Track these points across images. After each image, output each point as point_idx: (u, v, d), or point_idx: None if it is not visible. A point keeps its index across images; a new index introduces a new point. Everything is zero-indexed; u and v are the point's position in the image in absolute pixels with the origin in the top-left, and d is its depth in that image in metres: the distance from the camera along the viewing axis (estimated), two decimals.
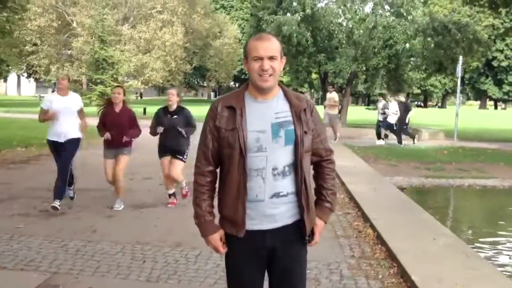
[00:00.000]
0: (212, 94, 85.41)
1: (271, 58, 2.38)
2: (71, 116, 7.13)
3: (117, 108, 7.26)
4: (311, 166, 2.59)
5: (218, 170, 2.55)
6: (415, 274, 4.47)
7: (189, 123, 7.23)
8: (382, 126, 17.99)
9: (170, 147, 7.25)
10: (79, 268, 4.78)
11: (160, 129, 7.15)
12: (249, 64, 2.42)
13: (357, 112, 43.35)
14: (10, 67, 45.76)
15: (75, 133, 7.19)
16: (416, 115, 40.86)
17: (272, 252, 2.48)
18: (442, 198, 9.86)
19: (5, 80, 57.29)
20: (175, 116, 7.18)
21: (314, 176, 2.65)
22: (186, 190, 7.55)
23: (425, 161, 13.17)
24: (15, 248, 5.31)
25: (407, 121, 17.49)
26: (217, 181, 2.56)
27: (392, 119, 17.58)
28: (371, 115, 29.24)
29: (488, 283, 4.40)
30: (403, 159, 13.54)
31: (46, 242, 5.53)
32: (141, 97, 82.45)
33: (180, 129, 7.13)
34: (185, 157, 7.29)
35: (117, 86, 7.51)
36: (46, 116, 7.02)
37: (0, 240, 5.59)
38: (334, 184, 2.67)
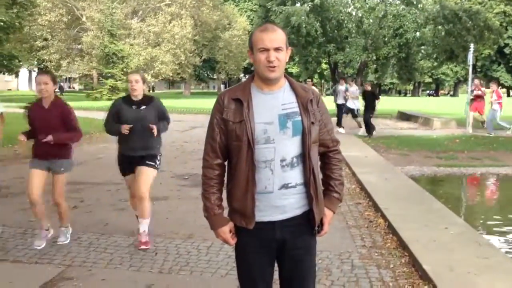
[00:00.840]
0: (222, 86, 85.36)
1: (277, 49, 2.37)
2: None
3: (46, 103, 5.21)
4: (318, 157, 2.59)
5: (226, 163, 2.55)
6: (427, 263, 4.46)
7: (164, 116, 5.49)
8: (343, 111, 17.78)
9: (136, 151, 5.34)
10: (93, 260, 4.83)
11: (125, 128, 5.20)
12: (254, 55, 2.42)
13: None
14: (21, 62, 46.04)
15: None
16: (428, 104, 40.53)
17: (282, 243, 2.49)
18: (454, 187, 9.81)
19: (17, 76, 57.65)
20: (142, 108, 5.34)
21: (321, 166, 2.65)
22: (146, 237, 5.32)
23: (437, 150, 13.10)
24: (29, 241, 5.37)
25: (374, 111, 17.04)
26: (225, 174, 2.56)
27: (353, 104, 17.55)
28: (381, 105, 28.94)
29: (500, 272, 4.38)
30: (414, 148, 13.47)
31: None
32: (153, 91, 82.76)
33: (151, 126, 5.25)
34: (158, 163, 5.52)
35: (44, 72, 5.38)
36: None
37: (14, 233, 5.66)
38: (341, 174, 2.68)
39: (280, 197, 2.43)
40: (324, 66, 39.43)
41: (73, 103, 34.53)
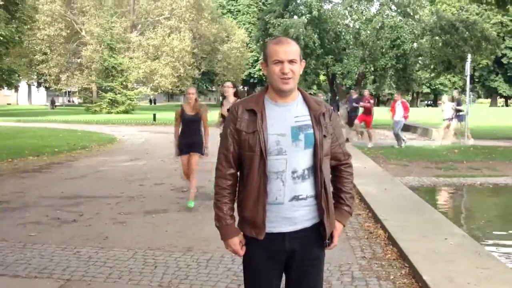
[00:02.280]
0: (221, 98, 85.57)
1: (291, 61, 2.39)
2: None
3: None
4: (330, 170, 2.60)
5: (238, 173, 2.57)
6: (427, 274, 4.45)
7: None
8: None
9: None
10: (92, 274, 4.82)
11: None
12: (269, 67, 2.43)
13: None
14: (20, 77, 46.18)
15: None
16: (426, 114, 40.60)
17: (291, 255, 2.49)
18: (454, 197, 9.80)
19: (16, 90, 57.77)
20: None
21: (332, 180, 2.65)
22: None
23: (436, 161, 13.11)
24: (28, 256, 5.36)
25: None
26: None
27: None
28: (379, 116, 29.04)
29: (500, 282, 4.37)
30: (413, 159, 13.49)
31: (59, 250, 5.58)
32: (154, 103, 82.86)
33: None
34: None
35: None
36: None
37: (13, 248, 5.65)
38: (352, 188, 2.69)
39: (290, 208, 2.43)
40: (322, 77, 39.51)
41: (73, 117, 34.60)
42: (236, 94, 8.31)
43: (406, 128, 24.86)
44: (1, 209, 7.67)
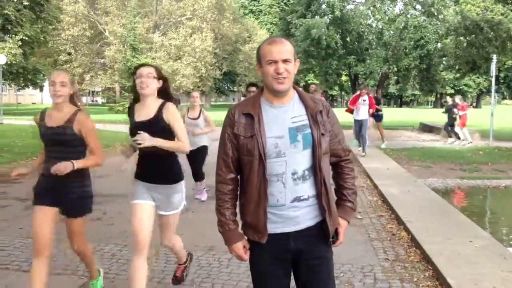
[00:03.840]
0: (242, 98, 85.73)
1: (285, 61, 2.38)
2: None
3: None
4: (330, 167, 2.59)
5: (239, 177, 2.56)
6: (451, 277, 4.40)
7: None
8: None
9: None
10: (115, 272, 4.86)
11: None
12: (263, 68, 2.42)
13: (388, 114, 42.84)
14: (45, 77, 46.88)
15: None
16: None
17: (298, 254, 2.48)
18: (479, 200, 9.66)
19: (41, 90, 58.65)
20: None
21: (334, 176, 2.65)
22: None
23: (460, 162, 12.94)
24: (52, 253, 5.41)
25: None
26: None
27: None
28: (403, 117, 28.80)
29: None
30: (437, 160, 13.33)
31: None
32: (179, 103, 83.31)
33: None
34: None
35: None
36: None
37: None
38: (354, 184, 2.66)
39: (292, 209, 2.42)
40: (344, 78, 39.30)
41: (96, 116, 35.04)
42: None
43: (429, 129, 24.62)
44: (26, 206, 7.79)
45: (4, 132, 20.67)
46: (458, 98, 19.58)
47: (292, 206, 2.41)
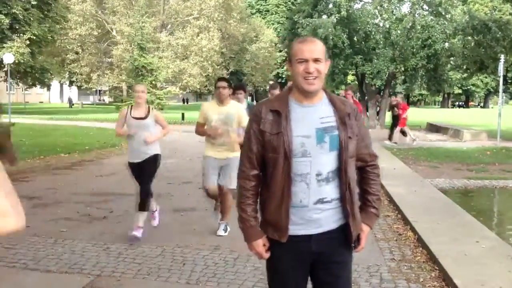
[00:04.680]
0: (249, 98, 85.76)
1: (316, 60, 2.33)
2: None
3: None
4: (356, 172, 2.54)
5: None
6: (457, 278, 4.38)
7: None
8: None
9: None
10: (121, 270, 4.88)
11: None
12: (293, 67, 2.38)
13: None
14: (52, 76, 47.08)
15: None
16: (458, 115, 39.95)
17: (318, 257, 2.45)
18: (486, 200, 9.62)
19: (48, 89, 58.90)
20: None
21: (359, 181, 2.59)
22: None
23: (467, 162, 12.89)
24: (59, 251, 5.46)
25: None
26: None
27: None
28: (410, 117, 28.61)
29: None
30: (444, 160, 13.29)
31: (89, 246, 5.67)
32: (186, 103, 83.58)
33: None
34: None
35: None
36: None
37: (45, 243, 5.76)
38: (379, 190, 2.63)
39: (315, 211, 2.38)
40: (350, 77, 39.18)
41: (103, 115, 35.10)
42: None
43: (436, 129, 24.55)
44: (33, 204, 7.83)
45: (12, 131, 20.75)
46: (400, 97, 19.69)
47: (314, 208, 2.37)
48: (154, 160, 6.19)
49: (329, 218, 2.40)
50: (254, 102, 9.23)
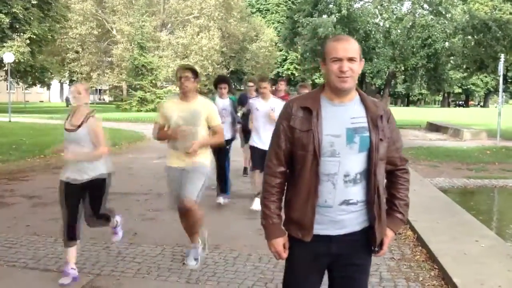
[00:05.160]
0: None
1: (351, 59, 2.30)
2: None
3: None
4: (385, 174, 2.51)
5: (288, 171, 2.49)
6: (457, 277, 4.38)
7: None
8: None
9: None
10: (121, 270, 4.88)
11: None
12: (327, 65, 2.34)
13: (395, 113, 42.71)
14: (52, 75, 47.08)
15: None
16: (458, 115, 39.94)
17: (336, 259, 2.42)
18: (486, 199, 9.62)
19: (48, 88, 58.92)
20: None
21: (387, 185, 2.56)
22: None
23: (467, 162, 12.89)
24: (59, 250, 5.45)
25: None
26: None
27: None
28: (410, 116, 28.73)
29: None
30: (444, 159, 13.28)
31: (89, 245, 5.67)
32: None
33: None
34: None
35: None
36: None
37: (45, 242, 5.76)
38: (407, 195, 2.58)
39: (339, 212, 2.35)
40: None
41: (103, 115, 35.23)
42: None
43: (436, 128, 24.54)
44: (33, 204, 7.84)
45: (12, 130, 20.77)
46: None
47: (339, 209, 2.34)
48: (98, 183, 4.89)
49: (353, 220, 2.37)
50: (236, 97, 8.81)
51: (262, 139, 7.11)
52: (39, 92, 74.58)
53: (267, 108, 7.18)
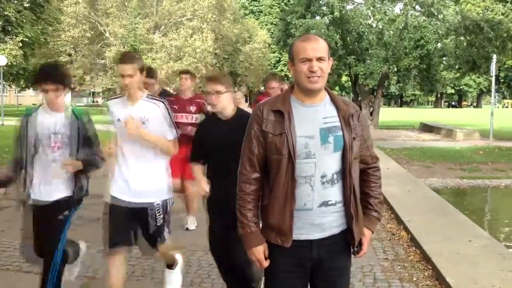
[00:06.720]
0: (243, 99, 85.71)
1: (320, 59, 2.28)
2: None
3: None
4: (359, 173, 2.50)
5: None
6: (450, 277, 4.41)
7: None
8: None
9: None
10: None
11: None
12: (295, 66, 2.32)
13: (388, 114, 42.87)
14: None
15: None
16: (451, 115, 40.12)
17: (318, 263, 2.40)
18: (478, 199, 9.67)
19: None
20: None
21: (360, 184, 2.52)
22: None
23: (460, 162, 12.95)
24: None
25: None
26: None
27: None
28: (403, 116, 28.82)
29: None
30: (437, 160, 13.34)
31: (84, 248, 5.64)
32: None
33: None
34: None
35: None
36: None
37: None
38: (380, 193, 2.58)
39: (319, 214, 2.32)
40: (344, 78, 39.24)
41: (97, 117, 35.16)
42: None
43: (429, 129, 24.64)
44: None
45: (5, 133, 20.66)
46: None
47: (319, 212, 2.32)
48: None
49: (332, 223, 2.36)
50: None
51: None
52: (32, 95, 74.25)
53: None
